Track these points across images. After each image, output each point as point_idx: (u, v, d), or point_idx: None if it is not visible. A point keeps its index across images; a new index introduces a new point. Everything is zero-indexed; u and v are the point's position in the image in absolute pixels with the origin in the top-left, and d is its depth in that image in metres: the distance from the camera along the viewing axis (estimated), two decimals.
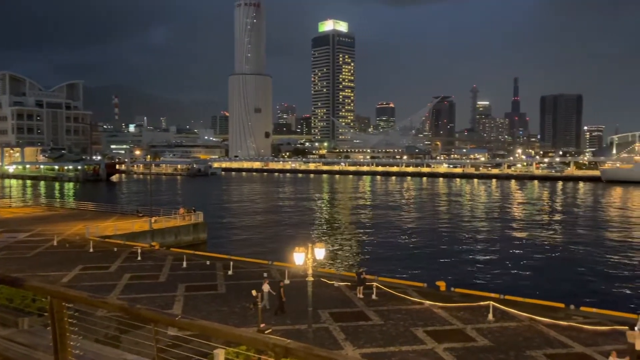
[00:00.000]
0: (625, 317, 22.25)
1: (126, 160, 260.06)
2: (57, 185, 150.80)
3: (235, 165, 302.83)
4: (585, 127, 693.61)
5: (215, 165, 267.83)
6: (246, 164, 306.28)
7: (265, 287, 23.98)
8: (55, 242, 39.64)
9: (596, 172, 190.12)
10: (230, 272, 30.32)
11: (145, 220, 49.21)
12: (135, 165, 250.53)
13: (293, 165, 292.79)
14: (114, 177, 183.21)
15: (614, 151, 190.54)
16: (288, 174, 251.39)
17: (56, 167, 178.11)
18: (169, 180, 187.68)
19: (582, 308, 23.80)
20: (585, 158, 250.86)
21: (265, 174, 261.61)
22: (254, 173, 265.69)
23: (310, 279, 19.23)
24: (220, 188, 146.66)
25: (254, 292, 21.45)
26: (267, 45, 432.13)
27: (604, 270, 39.82)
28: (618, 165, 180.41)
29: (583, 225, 67.44)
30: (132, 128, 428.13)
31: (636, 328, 18.27)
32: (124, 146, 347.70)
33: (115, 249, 37.27)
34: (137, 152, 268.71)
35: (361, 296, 25.39)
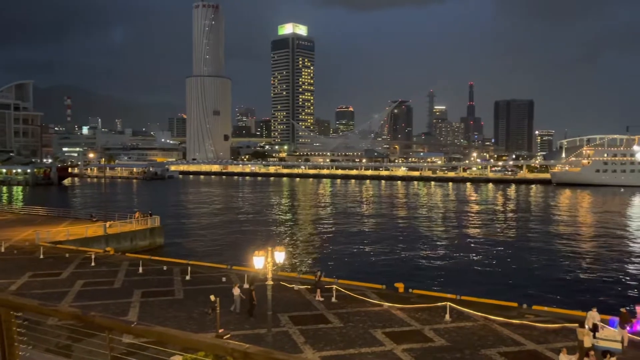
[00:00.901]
0: (574, 314, 23.14)
1: (79, 163, 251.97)
2: (4, 189, 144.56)
3: (193, 168, 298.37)
4: (537, 132, 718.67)
5: (173, 168, 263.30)
6: (204, 167, 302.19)
7: (236, 291, 23.89)
8: (2, 248, 37.95)
9: (547, 175, 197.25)
10: (188, 277, 29.82)
11: (99, 225, 47.80)
12: (88, 169, 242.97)
13: (253, 168, 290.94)
14: (66, 181, 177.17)
15: (563, 155, 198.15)
16: (247, 177, 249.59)
17: (3, 170, 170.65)
18: (124, 184, 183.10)
19: (534, 307, 24.60)
20: (537, 161, 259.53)
21: (224, 177, 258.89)
22: (213, 176, 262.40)
23: (270, 282, 19.16)
24: (178, 192, 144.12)
25: (212, 297, 21.19)
26: (227, 47, 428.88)
27: (555, 270, 41.29)
28: (567, 168, 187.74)
29: (535, 227, 69.76)
30: (85, 130, 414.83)
31: (586, 325, 19.04)
32: (77, 149, 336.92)
33: (68, 255, 36.04)
34: (91, 155, 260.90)
35: (320, 299, 25.46)
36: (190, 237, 59.32)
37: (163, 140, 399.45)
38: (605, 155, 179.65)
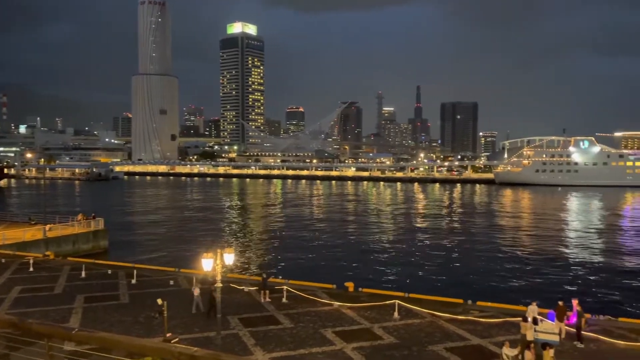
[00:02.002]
0: (515, 309, 24.09)
1: (16, 163, 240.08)
2: None
3: (139, 168, 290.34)
4: (481, 133, 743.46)
5: (118, 169, 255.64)
6: (151, 168, 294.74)
7: (196, 292, 23.61)
8: None
9: (490, 175, 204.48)
10: (134, 281, 28.99)
11: (38, 228, 45.70)
12: (26, 169, 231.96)
13: (201, 168, 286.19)
14: (2, 182, 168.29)
15: (506, 155, 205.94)
16: (196, 178, 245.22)
17: None
18: (66, 185, 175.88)
19: (478, 303, 25.41)
20: (481, 162, 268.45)
21: (171, 177, 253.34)
22: (160, 177, 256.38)
23: (219, 284, 18.90)
24: (123, 193, 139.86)
25: (159, 301, 20.67)
26: (174, 45, 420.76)
27: (497, 267, 42.84)
28: (509, 168, 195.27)
29: (478, 225, 72.11)
30: (22, 129, 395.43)
31: (529, 319, 19.82)
32: (14, 149, 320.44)
33: (4, 260, 34.26)
34: (29, 155, 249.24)
35: (268, 300, 25.39)
36: (136, 239, 57.68)
37: (107, 140, 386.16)
38: (544, 156, 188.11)
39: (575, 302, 20.85)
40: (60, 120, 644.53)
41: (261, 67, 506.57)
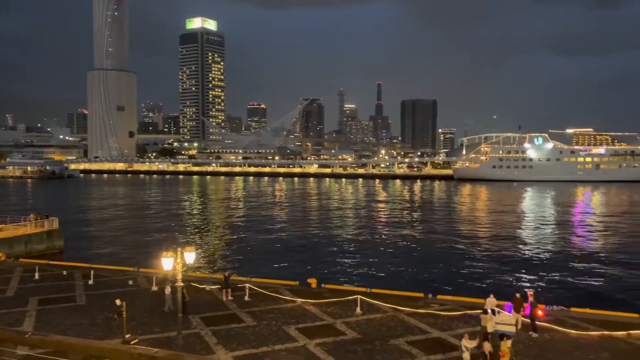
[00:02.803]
0: (473, 302, 24.70)
1: None
2: None
3: (95, 166, 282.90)
4: (440, 130, 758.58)
5: (73, 166, 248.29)
6: (108, 165, 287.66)
7: (167, 290, 23.25)
8: None
9: (449, 171, 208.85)
10: (91, 282, 28.22)
11: None
12: None
13: (160, 166, 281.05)
14: None
15: (464, 152, 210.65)
16: (155, 176, 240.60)
17: None
18: (17, 184, 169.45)
19: (438, 296, 25.93)
20: (440, 158, 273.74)
21: (129, 175, 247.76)
22: (117, 175, 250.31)
23: (180, 284, 18.63)
24: (79, 192, 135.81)
25: (117, 302, 20.19)
26: (132, 40, 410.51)
27: (456, 260, 43.78)
28: (467, 164, 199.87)
29: (438, 220, 73.52)
30: None
31: (488, 311, 20.37)
32: None
33: None
34: None
35: (230, 298, 25.19)
36: (93, 239, 56.11)
37: (61, 137, 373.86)
38: (501, 152, 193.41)
39: (530, 293, 21.53)
40: (11, 116, 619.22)
41: (221, 63, 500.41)
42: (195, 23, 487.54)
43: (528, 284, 33.77)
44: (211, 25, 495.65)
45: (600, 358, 18.16)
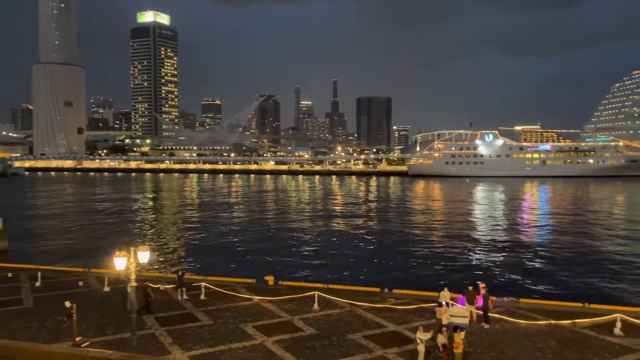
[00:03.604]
0: (428, 295, 25.22)
1: None
2: None
3: (42, 164, 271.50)
4: (395, 127, 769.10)
5: (17, 164, 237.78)
6: (55, 163, 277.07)
7: (130, 289, 22.51)
8: None
9: (404, 168, 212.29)
10: (38, 284, 27.13)
11: None
12: None
13: (112, 163, 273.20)
14: None
15: (418, 149, 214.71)
16: (106, 173, 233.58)
17: None
18: None
19: (394, 290, 26.33)
20: (395, 155, 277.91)
21: (78, 173, 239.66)
22: (65, 173, 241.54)
23: (134, 284, 18.17)
24: (24, 190, 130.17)
25: (67, 304, 19.48)
26: (80, 33, 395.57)
27: (411, 255, 44.59)
28: (421, 161, 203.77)
29: (393, 215, 74.64)
30: None
31: (443, 303, 20.86)
32: None
33: None
34: None
35: (186, 297, 24.81)
36: (39, 240, 53.92)
37: (4, 133, 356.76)
38: (453, 149, 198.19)
39: (482, 285, 22.19)
40: None
41: (175, 58, 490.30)
42: (147, 17, 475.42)
43: (480, 277, 34.76)
44: (164, 19, 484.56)
45: (547, 346, 18.92)
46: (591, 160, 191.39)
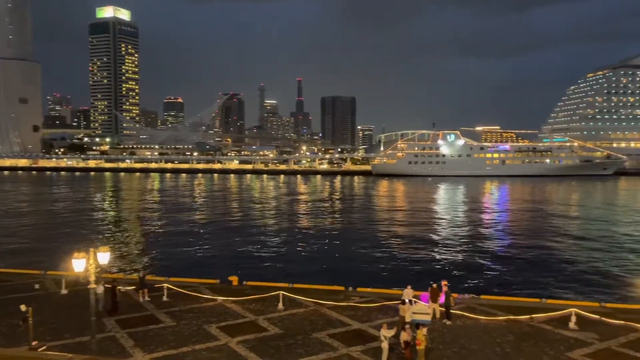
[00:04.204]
0: (392, 293, 25.53)
1: None
2: None
3: None
4: (359, 127, 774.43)
5: None
6: (9, 162, 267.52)
7: (99, 289, 22.21)
8: None
9: (368, 167, 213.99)
10: None
11: None
12: None
13: (69, 162, 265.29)
14: None
15: (382, 148, 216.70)
16: (63, 173, 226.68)
17: None
18: None
19: (358, 289, 26.53)
20: (359, 155, 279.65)
21: (34, 172, 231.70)
22: (20, 172, 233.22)
23: (93, 286, 17.71)
24: None
25: (22, 307, 18.83)
26: (36, 27, 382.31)
27: (375, 253, 45.04)
28: (385, 160, 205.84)
29: (358, 214, 75.21)
30: None
31: (406, 301, 21.13)
32: None
33: None
34: None
35: (147, 299, 24.36)
36: None
37: None
38: (416, 148, 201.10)
39: (444, 283, 22.61)
40: None
41: (136, 55, 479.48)
42: (107, 12, 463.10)
43: (443, 275, 35.40)
44: (124, 14, 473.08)
45: (506, 340, 19.46)
46: (548, 160, 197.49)
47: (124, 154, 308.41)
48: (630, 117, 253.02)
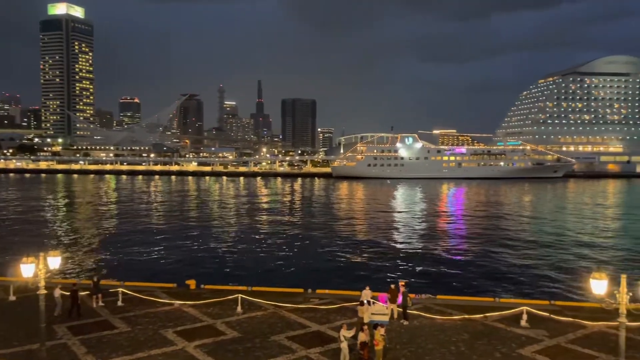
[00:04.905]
0: (350, 294, 25.71)
1: None
2: None
3: None
4: (319, 129, 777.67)
5: None
6: None
7: (57, 292, 21.90)
8: None
9: (328, 169, 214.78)
10: None
11: None
12: None
13: (18, 164, 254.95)
14: None
15: (342, 150, 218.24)
16: (12, 175, 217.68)
17: None
18: None
19: (317, 291, 26.61)
20: (320, 157, 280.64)
21: None
22: None
23: (43, 291, 17.09)
24: None
25: None
26: None
27: (334, 255, 45.26)
28: (344, 163, 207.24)
29: (317, 216, 75.40)
30: None
31: (365, 302, 21.33)
32: None
33: None
34: None
35: (101, 304, 23.72)
36: None
37: None
38: (375, 151, 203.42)
39: (401, 284, 22.96)
40: None
41: (90, 54, 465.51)
42: (59, 9, 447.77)
43: (401, 275, 35.93)
44: (78, 12, 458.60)
45: (461, 339, 19.93)
46: (502, 163, 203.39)
47: (78, 155, 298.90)
48: (579, 122, 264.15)
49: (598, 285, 13.99)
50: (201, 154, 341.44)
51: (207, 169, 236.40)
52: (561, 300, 26.66)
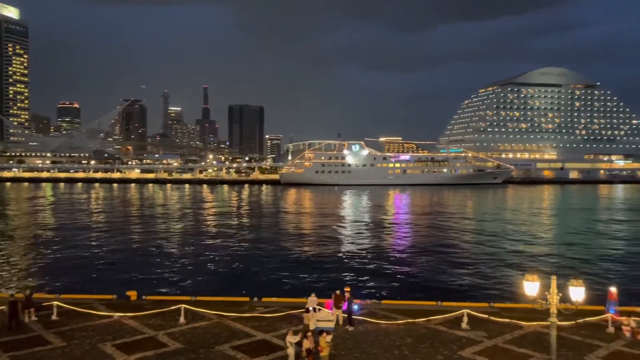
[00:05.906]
0: (296, 302, 25.65)
1: None
2: None
3: None
4: (267, 136, 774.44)
5: None
6: None
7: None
8: None
9: (276, 176, 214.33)
10: None
11: None
12: None
13: None
14: None
15: (290, 157, 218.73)
16: None
17: None
18: None
19: (263, 299, 26.37)
20: (268, 164, 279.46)
21: None
22: None
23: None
24: None
25: None
26: None
27: (283, 263, 45.07)
28: (293, 170, 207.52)
29: (264, 223, 74.93)
30: None
31: (310, 309, 21.32)
32: None
33: None
34: None
35: (34, 319, 22.56)
36: None
37: None
38: (323, 158, 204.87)
39: (347, 290, 23.12)
40: None
41: (25, 56, 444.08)
42: None
43: (346, 281, 36.19)
44: (12, 12, 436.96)
45: (405, 343, 20.27)
46: (445, 170, 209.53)
47: (11, 162, 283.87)
48: (517, 130, 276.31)
49: (531, 287, 14.61)
50: (144, 160, 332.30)
51: (151, 176, 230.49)
52: (499, 302, 27.65)
